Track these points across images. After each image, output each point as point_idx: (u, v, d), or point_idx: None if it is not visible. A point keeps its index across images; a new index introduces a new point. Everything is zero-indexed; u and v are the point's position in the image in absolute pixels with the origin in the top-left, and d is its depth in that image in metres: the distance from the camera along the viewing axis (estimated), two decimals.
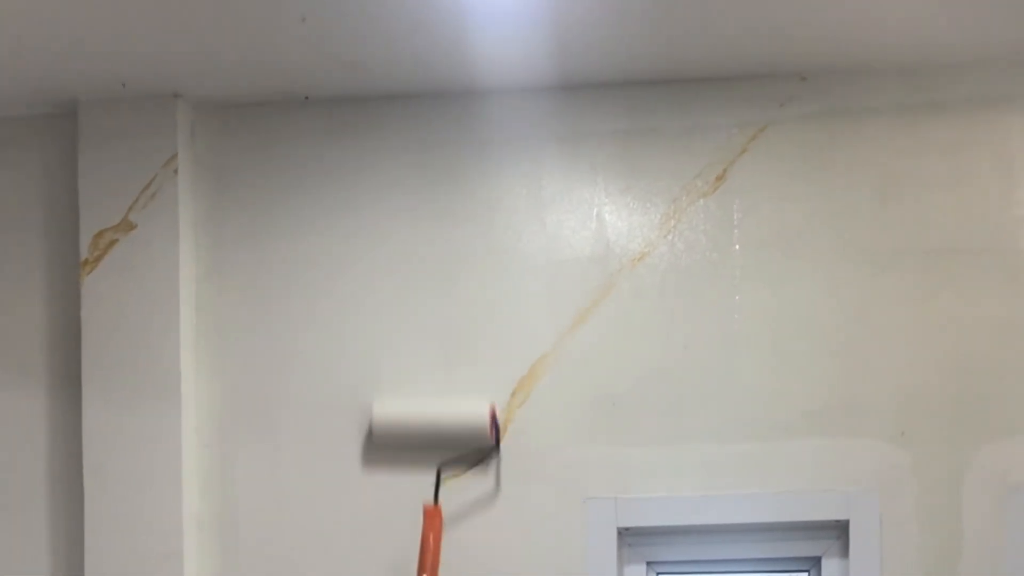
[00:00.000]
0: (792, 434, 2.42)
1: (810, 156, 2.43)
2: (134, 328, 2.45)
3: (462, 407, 2.45)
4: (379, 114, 2.50)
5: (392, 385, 2.49)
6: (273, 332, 2.51)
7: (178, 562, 2.44)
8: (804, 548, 2.49)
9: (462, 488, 2.46)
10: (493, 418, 2.44)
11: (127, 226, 2.46)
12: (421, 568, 2.37)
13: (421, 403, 2.47)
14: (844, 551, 2.44)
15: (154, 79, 2.42)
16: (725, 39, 2.32)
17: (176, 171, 2.45)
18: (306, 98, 2.50)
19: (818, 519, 2.43)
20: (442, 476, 2.43)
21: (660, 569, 2.54)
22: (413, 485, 2.45)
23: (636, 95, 2.45)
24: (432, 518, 2.40)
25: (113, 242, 2.46)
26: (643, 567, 2.52)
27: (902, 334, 2.40)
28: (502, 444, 2.45)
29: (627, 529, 2.46)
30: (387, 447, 2.47)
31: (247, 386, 2.51)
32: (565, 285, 2.46)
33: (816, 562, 2.49)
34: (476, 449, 2.45)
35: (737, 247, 2.44)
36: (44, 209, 2.54)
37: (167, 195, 2.45)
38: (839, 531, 2.45)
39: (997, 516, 2.37)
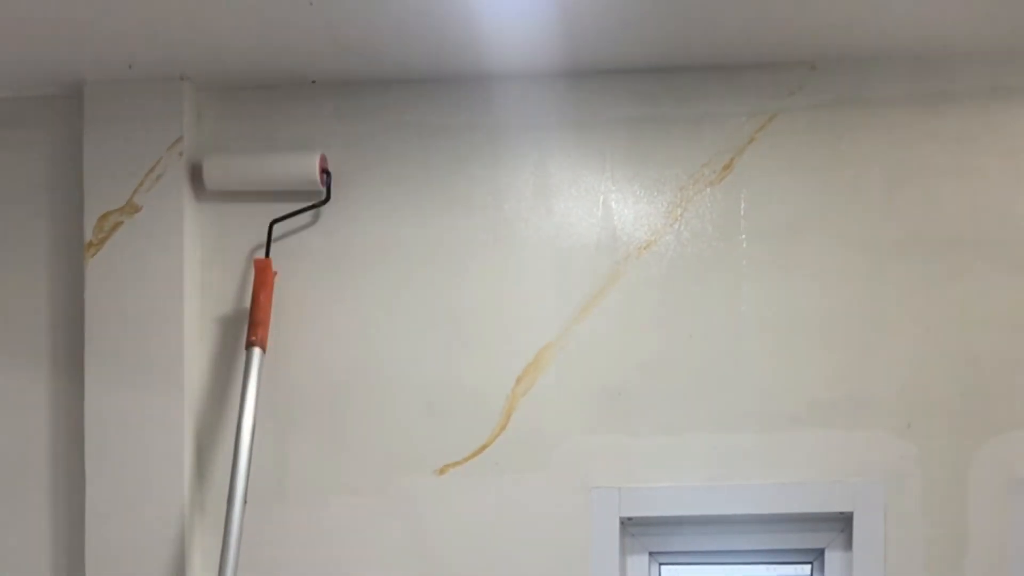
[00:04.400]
0: (797, 425, 2.41)
1: (818, 146, 2.42)
2: (138, 311, 2.44)
3: (291, 157, 2.45)
4: (386, 98, 2.49)
5: (398, 375, 2.48)
6: (276, 316, 2.50)
7: (179, 546, 2.43)
8: (808, 540, 2.48)
9: (468, 472, 2.45)
10: (323, 168, 2.44)
11: (132, 208, 2.45)
12: (252, 321, 2.39)
13: (251, 157, 2.48)
14: (848, 543, 2.43)
15: (161, 61, 2.41)
16: (735, 27, 2.31)
17: (182, 154, 2.45)
18: (313, 82, 2.50)
19: (822, 511, 2.41)
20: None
21: (663, 559, 2.53)
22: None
23: (645, 82, 2.44)
24: (262, 271, 2.42)
25: (118, 224, 2.45)
26: (646, 557, 2.51)
27: (909, 325, 2.39)
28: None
29: (630, 519, 2.45)
30: (219, 198, 2.48)
31: None
32: (571, 273, 2.45)
33: (820, 554, 2.49)
34: (308, 202, 2.46)
35: (744, 236, 2.43)
36: (49, 190, 2.53)
37: (172, 178, 2.45)
38: (843, 523, 2.44)
39: (1002, 509, 2.36)
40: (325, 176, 2.46)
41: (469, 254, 2.48)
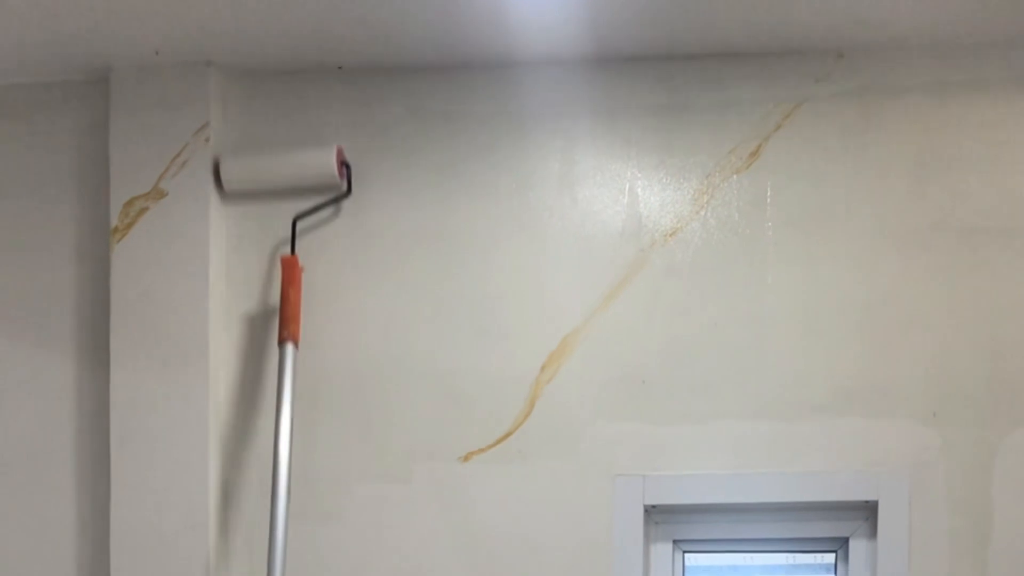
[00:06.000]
0: (822, 413, 2.40)
1: (845, 133, 2.41)
2: (163, 296, 2.45)
3: (308, 153, 2.45)
4: (412, 85, 2.49)
5: (422, 363, 2.49)
6: (303, 307, 2.49)
7: (203, 532, 2.44)
8: (832, 528, 2.48)
9: (492, 459, 2.46)
10: (341, 161, 2.44)
11: (158, 194, 2.45)
12: (283, 318, 2.40)
13: (267, 156, 2.48)
14: (872, 532, 2.43)
15: (187, 47, 2.41)
16: (761, 14, 2.31)
17: (208, 139, 2.45)
18: (339, 68, 2.49)
19: (847, 499, 2.41)
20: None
21: (687, 547, 2.53)
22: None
23: (671, 70, 2.44)
24: (290, 267, 2.43)
25: (143, 210, 2.45)
26: (670, 545, 2.51)
27: (935, 314, 2.38)
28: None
29: (654, 507, 2.45)
30: (239, 197, 2.49)
31: (275, 356, 2.49)
32: (596, 260, 2.45)
33: (844, 543, 2.48)
34: (330, 197, 2.47)
35: (770, 224, 2.42)
36: (75, 176, 2.53)
37: (198, 163, 2.45)
38: (868, 512, 2.43)
39: None
40: (344, 168, 2.46)
41: (494, 242, 2.48)
